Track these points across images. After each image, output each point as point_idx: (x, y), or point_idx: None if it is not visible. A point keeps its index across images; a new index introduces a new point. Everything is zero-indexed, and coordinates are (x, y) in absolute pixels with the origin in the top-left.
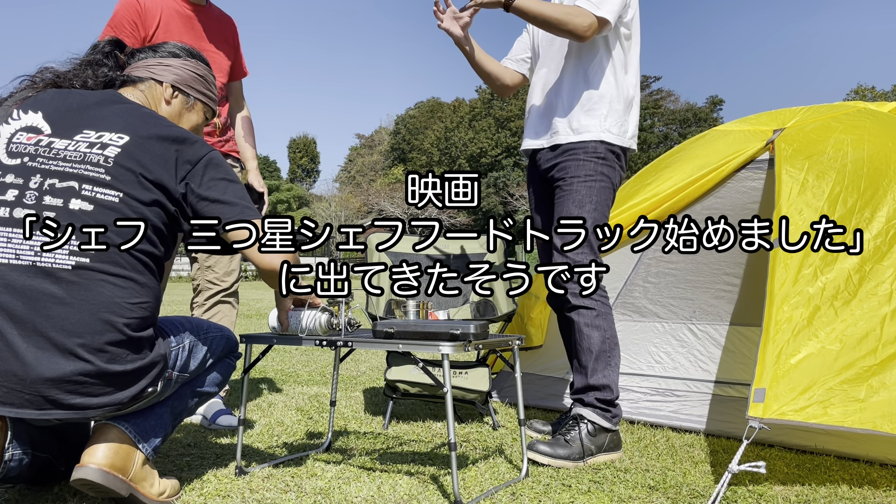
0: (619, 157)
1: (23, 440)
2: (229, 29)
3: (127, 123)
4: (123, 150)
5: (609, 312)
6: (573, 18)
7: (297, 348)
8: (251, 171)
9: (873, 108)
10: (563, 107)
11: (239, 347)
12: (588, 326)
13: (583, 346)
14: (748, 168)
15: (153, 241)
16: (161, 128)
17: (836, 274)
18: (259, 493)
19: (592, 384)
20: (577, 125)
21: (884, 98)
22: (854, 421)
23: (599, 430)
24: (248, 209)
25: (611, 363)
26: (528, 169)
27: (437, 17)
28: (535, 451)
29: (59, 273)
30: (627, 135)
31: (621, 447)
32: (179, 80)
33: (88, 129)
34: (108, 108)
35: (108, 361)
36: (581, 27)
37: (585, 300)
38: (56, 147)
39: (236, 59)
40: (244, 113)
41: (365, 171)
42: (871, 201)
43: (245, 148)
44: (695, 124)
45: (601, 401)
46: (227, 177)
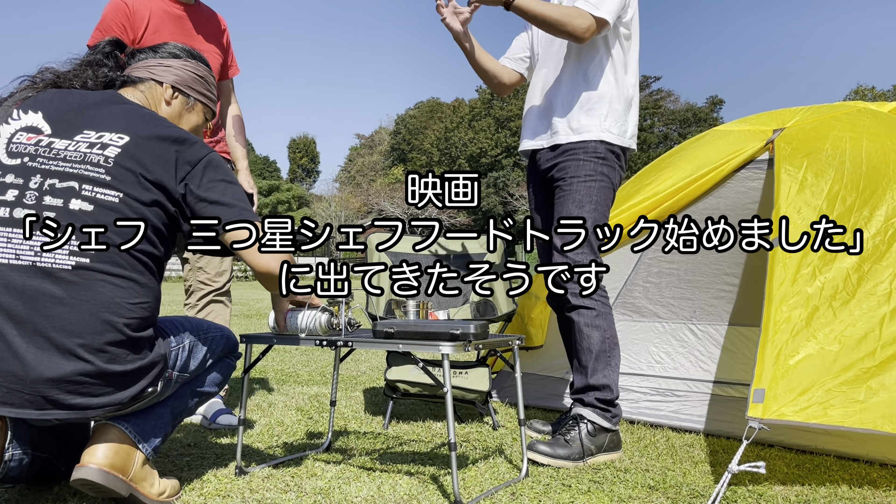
0: (619, 157)
1: (23, 440)
2: (219, 27)
3: (127, 124)
4: (124, 151)
5: (609, 312)
6: (572, 20)
7: (297, 348)
8: (241, 171)
9: (873, 107)
10: (562, 107)
11: (239, 347)
12: (588, 326)
13: (583, 346)
14: (748, 168)
15: (153, 241)
16: (161, 128)
17: (834, 273)
18: (259, 493)
19: (592, 384)
20: (576, 125)
21: (884, 98)
22: (854, 421)
23: (599, 430)
24: (247, 210)
25: (611, 363)
26: (527, 169)
27: (438, 11)
28: (535, 451)
29: (59, 273)
30: (627, 134)
31: (621, 447)
32: (180, 81)
33: (89, 130)
34: (108, 108)
35: (108, 361)
36: (580, 28)
37: (585, 300)
38: (56, 147)
39: (226, 58)
40: (235, 112)
41: (365, 171)
42: (869, 200)
43: (235, 147)
44: (695, 124)
45: (601, 401)
46: (226, 178)
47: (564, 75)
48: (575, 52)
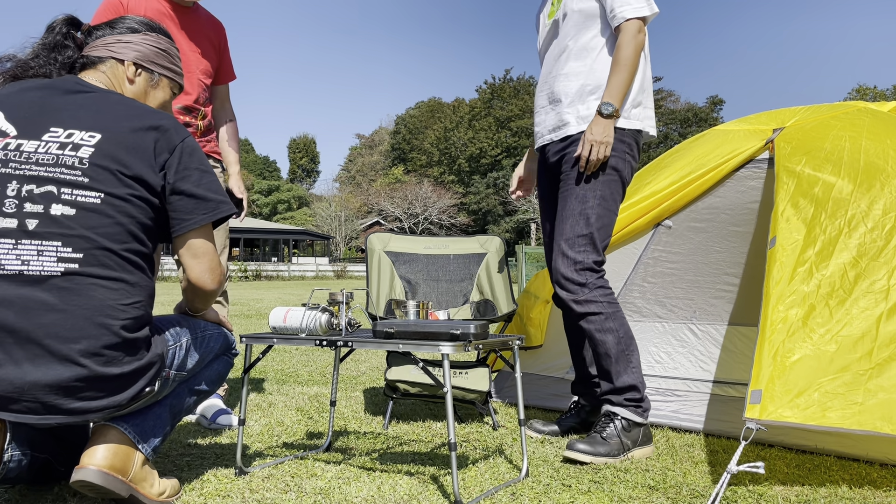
0: (631, 146)
1: (22, 441)
2: (215, 31)
3: (96, 120)
4: (97, 150)
5: (617, 311)
6: (628, 48)
7: (297, 348)
8: (233, 176)
9: (873, 107)
10: (569, 99)
11: (236, 345)
12: (600, 332)
13: (600, 353)
14: (748, 167)
15: (140, 238)
16: (132, 119)
17: (831, 270)
18: (259, 493)
19: (619, 387)
20: (585, 112)
21: (884, 98)
22: (853, 423)
23: (633, 425)
24: (224, 203)
25: (631, 361)
26: (538, 163)
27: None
28: (575, 450)
29: (48, 280)
30: (638, 117)
31: (652, 440)
32: (141, 57)
33: (55, 127)
34: (72, 99)
35: (106, 364)
36: (640, 44)
37: (590, 306)
38: (26, 150)
39: (222, 63)
40: (230, 117)
41: (365, 170)
42: (867, 193)
43: (228, 153)
44: (695, 124)
45: (630, 399)
46: (198, 167)
47: (571, 69)
48: (577, 45)
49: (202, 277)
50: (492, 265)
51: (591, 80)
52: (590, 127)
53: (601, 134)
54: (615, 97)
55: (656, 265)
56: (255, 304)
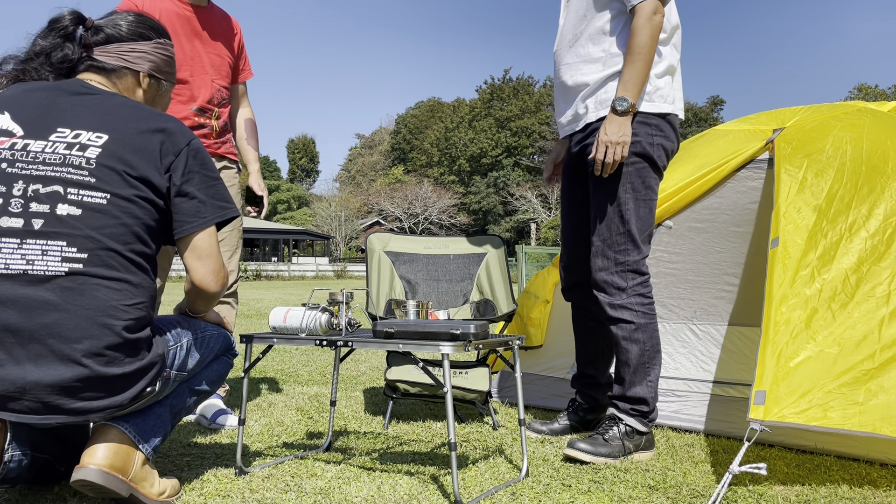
0: (660, 125)
1: (22, 441)
2: (231, 30)
3: (103, 122)
4: (104, 150)
5: (650, 323)
6: (642, 33)
7: (297, 348)
8: (252, 174)
9: (873, 107)
10: (588, 87)
11: (235, 345)
12: (626, 340)
13: (621, 359)
14: (748, 167)
15: (144, 239)
16: (138, 121)
17: (833, 274)
18: (259, 493)
19: (629, 396)
20: (604, 96)
21: (885, 97)
22: (854, 424)
23: (636, 432)
24: (228, 205)
25: (649, 375)
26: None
27: None
28: (576, 449)
29: (52, 280)
30: (663, 99)
31: (654, 445)
32: (155, 68)
33: (62, 128)
34: (78, 100)
35: (107, 365)
36: (656, 26)
37: (624, 312)
38: (33, 150)
39: (238, 61)
40: (247, 115)
41: (365, 170)
42: (868, 197)
43: (247, 150)
44: (695, 124)
45: (637, 410)
46: (203, 170)
47: (588, 56)
48: (594, 27)
49: (206, 279)
50: (492, 265)
51: (609, 65)
52: (604, 126)
53: (616, 133)
54: (631, 91)
55: (657, 265)
56: (255, 303)
